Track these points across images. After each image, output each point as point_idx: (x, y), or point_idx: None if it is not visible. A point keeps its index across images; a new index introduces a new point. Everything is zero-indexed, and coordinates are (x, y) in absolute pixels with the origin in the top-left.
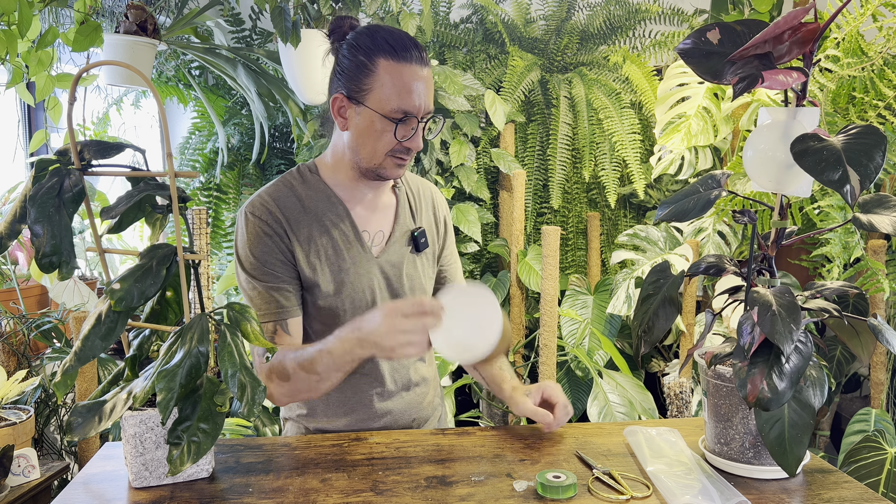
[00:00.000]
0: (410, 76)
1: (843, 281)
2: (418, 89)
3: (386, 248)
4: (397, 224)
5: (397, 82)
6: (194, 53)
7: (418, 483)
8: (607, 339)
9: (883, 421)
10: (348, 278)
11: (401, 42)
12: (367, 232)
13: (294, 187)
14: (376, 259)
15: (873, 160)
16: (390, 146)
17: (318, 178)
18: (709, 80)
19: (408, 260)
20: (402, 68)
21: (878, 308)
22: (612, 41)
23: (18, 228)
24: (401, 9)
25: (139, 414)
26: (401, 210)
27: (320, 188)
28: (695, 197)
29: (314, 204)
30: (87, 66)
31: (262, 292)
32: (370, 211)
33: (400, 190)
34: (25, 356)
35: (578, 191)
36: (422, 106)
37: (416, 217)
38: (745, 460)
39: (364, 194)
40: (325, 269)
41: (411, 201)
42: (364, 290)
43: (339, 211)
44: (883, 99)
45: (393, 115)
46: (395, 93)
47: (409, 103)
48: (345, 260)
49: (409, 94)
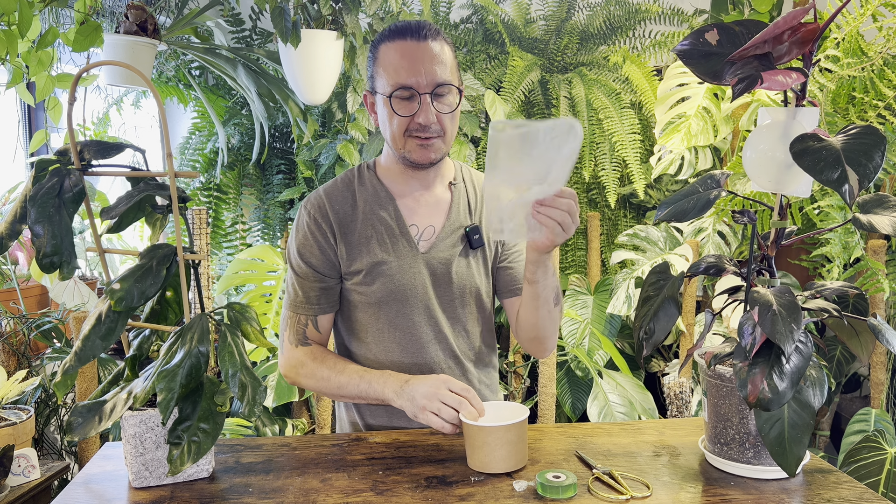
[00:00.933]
0: (404, 51)
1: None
2: (414, 62)
3: (435, 243)
4: (449, 220)
5: (393, 60)
6: (194, 53)
7: (418, 483)
8: (607, 339)
9: (883, 421)
10: (389, 270)
11: (400, 25)
12: (416, 226)
13: (350, 184)
14: (423, 254)
15: (872, 160)
16: (403, 126)
17: (372, 175)
18: (708, 81)
19: (459, 257)
20: (396, 46)
21: (877, 308)
22: (612, 41)
23: (19, 228)
24: (401, 9)
25: (139, 414)
26: (455, 206)
27: (373, 183)
28: (694, 197)
29: (364, 199)
30: (88, 66)
31: (301, 287)
32: (421, 205)
33: (457, 186)
34: (25, 356)
35: (578, 191)
36: (422, 79)
37: (474, 215)
38: (744, 460)
39: (415, 189)
40: (366, 259)
41: (470, 198)
42: (406, 283)
43: (387, 204)
44: (883, 99)
45: (393, 92)
46: (392, 70)
47: (405, 78)
48: (388, 252)
49: (404, 69)
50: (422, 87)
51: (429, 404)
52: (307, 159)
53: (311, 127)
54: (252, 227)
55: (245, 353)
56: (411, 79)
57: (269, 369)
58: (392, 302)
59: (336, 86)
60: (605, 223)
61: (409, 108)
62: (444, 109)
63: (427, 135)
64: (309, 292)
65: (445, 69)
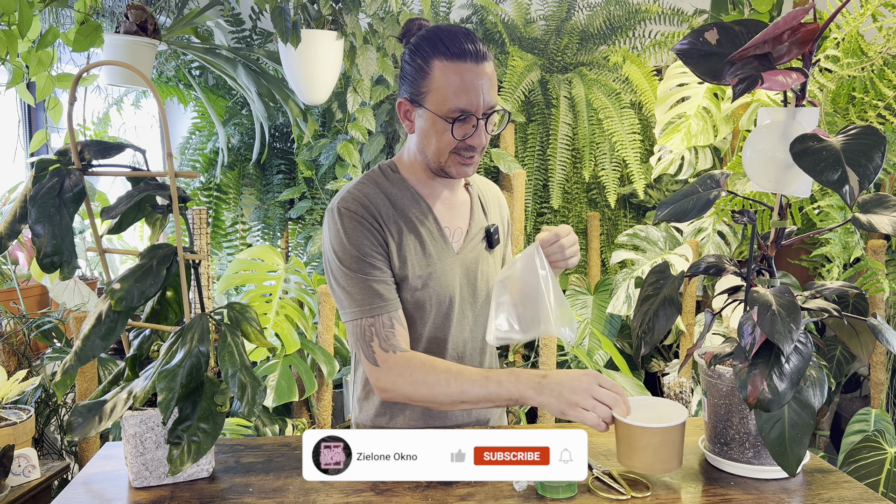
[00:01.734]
0: (465, 75)
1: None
2: (474, 87)
3: (464, 244)
4: (473, 221)
5: (452, 82)
6: (194, 53)
7: (418, 483)
8: (607, 339)
9: (883, 421)
10: (435, 273)
11: (455, 41)
12: (448, 228)
13: (380, 184)
14: (458, 256)
15: (872, 161)
16: (452, 145)
17: (399, 177)
18: (708, 81)
19: (483, 257)
20: (457, 67)
21: (877, 308)
22: (612, 41)
23: (19, 228)
24: (401, 9)
25: (139, 414)
26: (475, 207)
27: (404, 186)
28: (694, 197)
29: (400, 201)
30: (88, 66)
31: (365, 286)
32: (449, 208)
33: (472, 188)
34: (25, 356)
35: (578, 191)
36: (480, 103)
37: (488, 215)
38: (744, 460)
39: (441, 192)
40: (415, 263)
41: (482, 199)
42: (447, 286)
43: (423, 208)
44: (883, 99)
45: (450, 116)
46: (452, 93)
47: (466, 102)
48: (432, 256)
49: (465, 93)
50: (479, 112)
51: (582, 401)
52: (307, 159)
53: (311, 127)
54: (252, 227)
55: (245, 353)
56: (471, 104)
57: (268, 369)
58: (436, 305)
59: (336, 86)
60: (605, 223)
61: (463, 131)
62: (492, 129)
63: (472, 154)
64: (380, 287)
65: (495, 91)
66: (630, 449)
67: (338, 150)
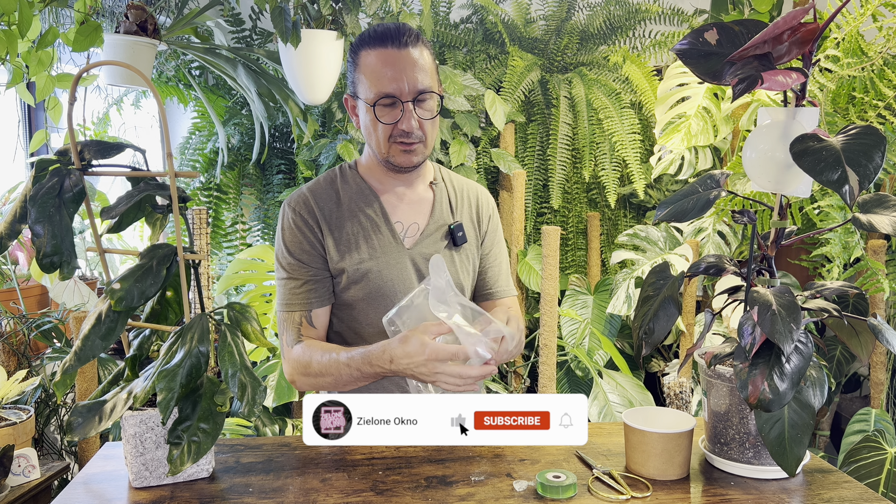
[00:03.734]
0: (386, 59)
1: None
2: (396, 71)
3: (420, 240)
4: (433, 218)
5: (375, 68)
6: (194, 53)
7: (418, 483)
8: (607, 339)
9: (883, 421)
10: (376, 266)
11: (379, 29)
12: (401, 223)
13: (333, 182)
14: (408, 250)
15: (872, 160)
16: (387, 132)
17: (355, 174)
18: (708, 81)
19: (443, 254)
20: (378, 52)
21: (878, 308)
22: (612, 41)
23: (19, 228)
24: (401, 9)
25: (139, 414)
26: (437, 205)
27: (357, 182)
28: (694, 197)
29: (349, 196)
30: (88, 66)
31: (292, 284)
32: (404, 203)
33: (438, 186)
34: (25, 356)
35: (578, 191)
36: (405, 87)
37: (456, 213)
38: (744, 460)
39: (396, 188)
40: (354, 254)
41: (451, 197)
42: (393, 279)
43: (371, 201)
44: (883, 99)
45: (375, 100)
46: (375, 78)
47: (388, 86)
48: (375, 249)
49: (386, 77)
50: (404, 95)
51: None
52: (307, 159)
53: (311, 127)
54: (252, 227)
55: (245, 353)
56: (394, 87)
57: (269, 369)
58: (380, 297)
59: (336, 86)
60: (605, 223)
61: (392, 116)
62: (426, 116)
63: (410, 140)
64: (300, 287)
65: (426, 76)
66: (645, 454)
67: (338, 150)
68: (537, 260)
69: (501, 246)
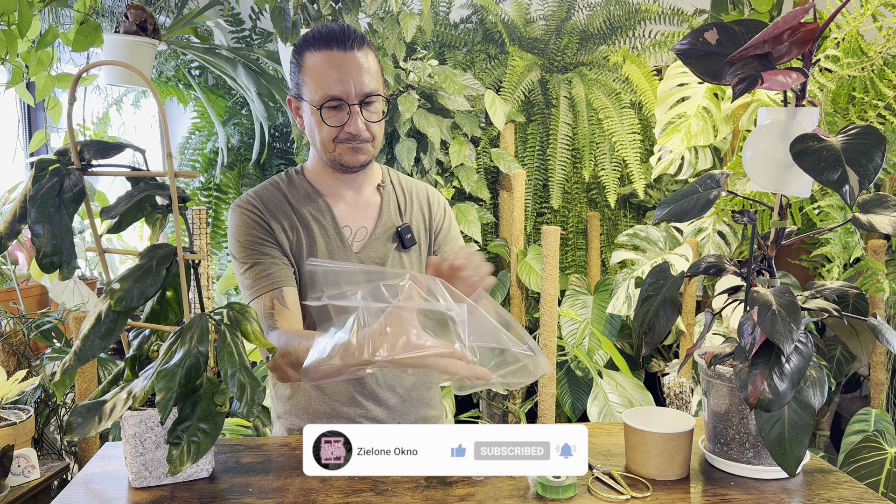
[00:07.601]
0: (332, 61)
1: (843, 281)
2: (342, 73)
3: (368, 243)
4: (380, 221)
5: (320, 70)
6: (194, 53)
7: (418, 483)
8: (607, 339)
9: (883, 421)
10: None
11: (324, 31)
12: (349, 227)
13: (280, 186)
14: (356, 254)
15: (872, 160)
16: (332, 134)
17: (302, 178)
18: (707, 81)
19: (392, 256)
20: (323, 55)
21: (878, 308)
22: (612, 41)
23: (18, 228)
24: (401, 9)
25: (139, 414)
26: (385, 208)
27: (304, 186)
28: (694, 197)
29: (297, 201)
30: (88, 66)
31: (254, 271)
32: (352, 207)
33: (385, 189)
34: (25, 356)
35: (578, 191)
36: (351, 90)
37: (404, 215)
38: (744, 460)
39: (343, 191)
40: (304, 261)
41: (399, 200)
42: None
43: (321, 206)
44: (883, 99)
45: (320, 103)
46: (321, 81)
47: (334, 88)
48: (325, 255)
49: (332, 80)
50: (351, 98)
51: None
52: (306, 159)
53: None
54: None
55: (244, 353)
56: (340, 90)
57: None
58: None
59: None
60: (605, 223)
61: (338, 119)
62: (373, 118)
63: (356, 142)
64: (264, 271)
65: (372, 79)
66: (646, 455)
67: None
68: (537, 260)
69: (458, 241)
